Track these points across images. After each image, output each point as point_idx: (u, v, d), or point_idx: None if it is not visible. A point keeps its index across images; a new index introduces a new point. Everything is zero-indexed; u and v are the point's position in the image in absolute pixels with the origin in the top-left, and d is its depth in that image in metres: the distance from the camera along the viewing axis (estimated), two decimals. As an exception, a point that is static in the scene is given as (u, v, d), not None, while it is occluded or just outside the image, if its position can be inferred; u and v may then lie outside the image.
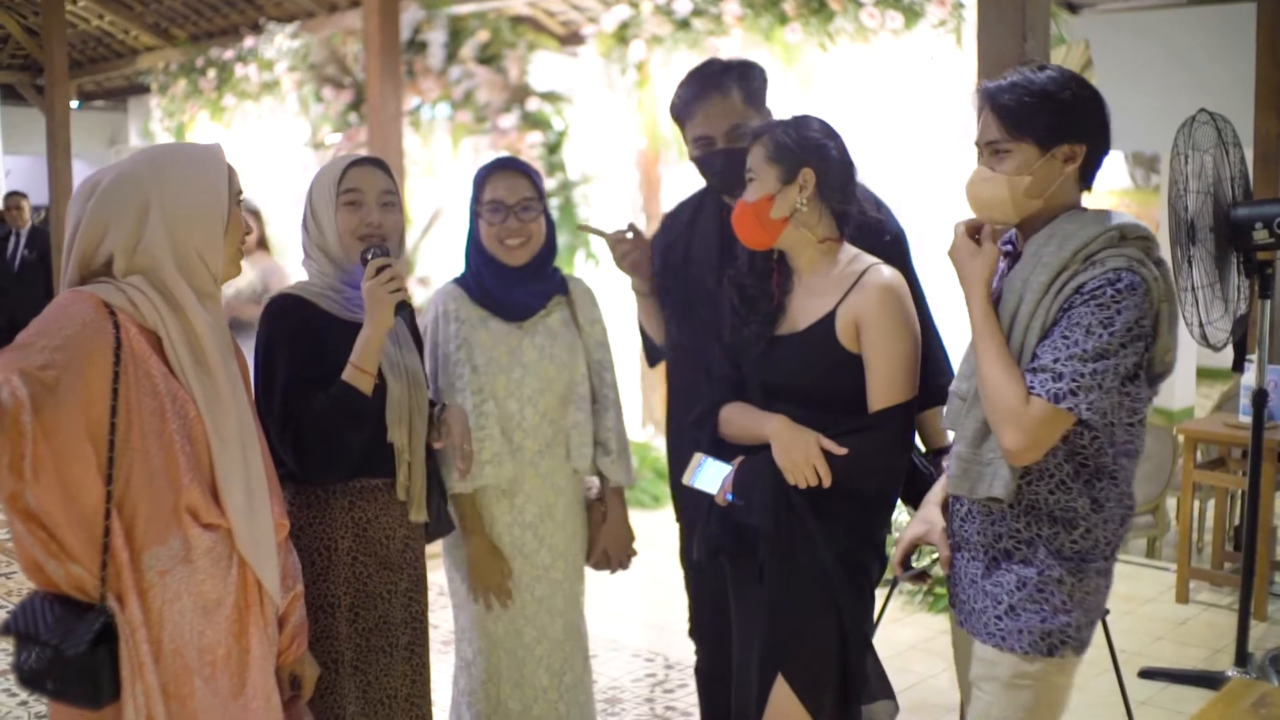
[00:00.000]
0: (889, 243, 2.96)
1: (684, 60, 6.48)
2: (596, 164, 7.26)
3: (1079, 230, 2.27)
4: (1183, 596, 5.59)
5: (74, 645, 1.98)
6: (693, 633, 3.30)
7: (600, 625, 5.19)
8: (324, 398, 2.57)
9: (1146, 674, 4.63)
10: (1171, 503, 6.30)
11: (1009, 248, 2.44)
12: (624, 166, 7.29)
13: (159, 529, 2.07)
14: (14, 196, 10.45)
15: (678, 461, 3.03)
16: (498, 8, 7.73)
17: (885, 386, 2.60)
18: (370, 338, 2.58)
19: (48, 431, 1.91)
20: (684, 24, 6.53)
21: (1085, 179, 2.38)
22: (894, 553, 2.63)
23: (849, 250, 2.73)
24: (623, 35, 6.84)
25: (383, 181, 2.76)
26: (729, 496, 2.67)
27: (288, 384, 2.59)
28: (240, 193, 2.28)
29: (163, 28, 10.36)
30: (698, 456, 2.74)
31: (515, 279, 3.04)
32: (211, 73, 9.59)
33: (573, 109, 7.46)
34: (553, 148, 7.38)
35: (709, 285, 2.98)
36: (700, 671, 3.32)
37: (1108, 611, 3.74)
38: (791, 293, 2.74)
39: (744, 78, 3.01)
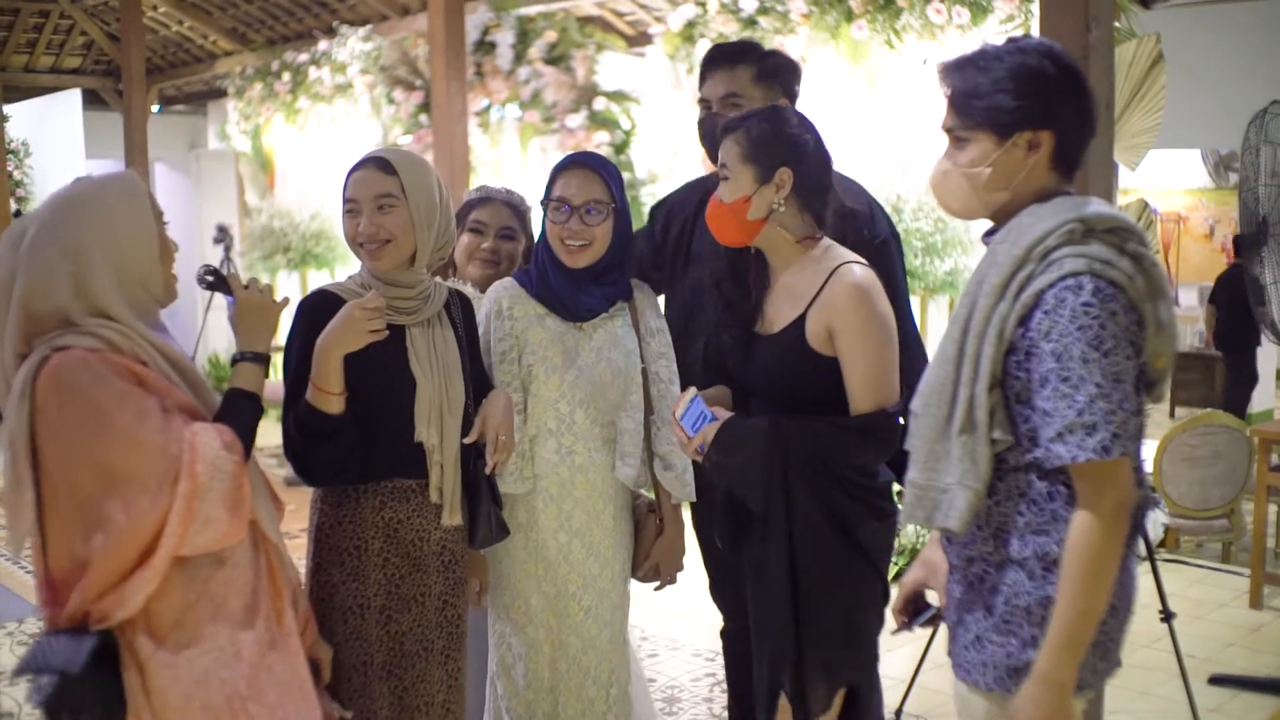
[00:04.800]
0: (878, 244, 2.98)
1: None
2: (663, 163, 7.25)
3: (1035, 223, 2.00)
4: (1256, 602, 5.47)
5: (75, 664, 2.05)
6: (714, 595, 3.31)
7: (660, 625, 5.19)
8: (290, 416, 2.55)
9: (1217, 680, 4.54)
10: (1247, 506, 6.17)
11: (992, 239, 2.20)
12: (691, 165, 7.28)
13: None
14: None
15: None
16: (566, 8, 7.76)
17: (865, 388, 2.53)
18: (327, 354, 2.49)
19: None
20: (750, 22, 6.51)
21: (1065, 166, 2.09)
22: (895, 600, 2.42)
23: (825, 246, 2.66)
24: (689, 34, 6.83)
25: (378, 184, 2.64)
26: (702, 447, 2.60)
27: (293, 382, 2.59)
28: (162, 214, 2.31)
29: (239, 32, 10.53)
30: (690, 390, 2.68)
31: (578, 279, 2.94)
32: (286, 76, 9.73)
33: (640, 108, 7.46)
34: (620, 147, 7.39)
35: (708, 278, 2.96)
36: (725, 634, 3.29)
37: (1172, 615, 3.71)
38: (769, 289, 2.69)
39: (761, 59, 3.03)
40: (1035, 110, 2.03)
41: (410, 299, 2.70)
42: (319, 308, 2.62)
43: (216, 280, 2.39)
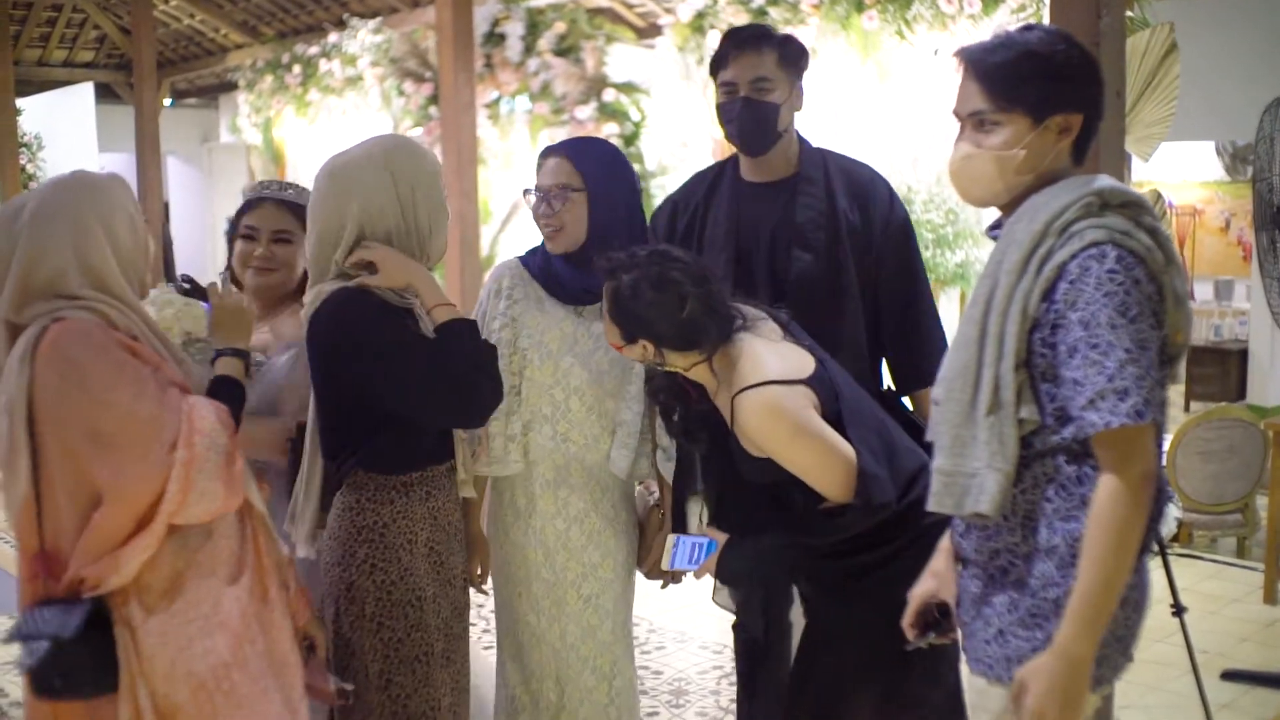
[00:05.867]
0: (899, 227, 3.08)
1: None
2: (673, 155, 7.22)
3: (1050, 201, 2.00)
4: (1271, 597, 5.43)
5: (67, 630, 2.12)
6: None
7: (668, 617, 5.17)
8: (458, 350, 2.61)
9: (1229, 676, 4.46)
10: (1262, 501, 6.12)
11: (997, 232, 2.18)
12: (700, 157, 7.24)
13: None
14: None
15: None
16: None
17: (825, 486, 2.53)
18: (416, 273, 2.60)
19: None
20: (761, 13, 6.46)
21: (1080, 152, 2.10)
22: (906, 614, 2.31)
23: (730, 355, 2.60)
24: (699, 25, 6.79)
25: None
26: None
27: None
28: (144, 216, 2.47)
29: (251, 25, 10.52)
30: (671, 538, 2.70)
31: (581, 263, 2.91)
32: (297, 68, 9.71)
33: (649, 100, 7.43)
34: (629, 139, 7.35)
35: (720, 269, 2.94)
36: (737, 626, 3.27)
37: (1184, 610, 3.66)
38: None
39: (782, 43, 3.02)
40: (1069, 94, 2.05)
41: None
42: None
43: (193, 289, 2.62)
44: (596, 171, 2.92)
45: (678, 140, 7.12)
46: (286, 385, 2.87)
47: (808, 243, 2.99)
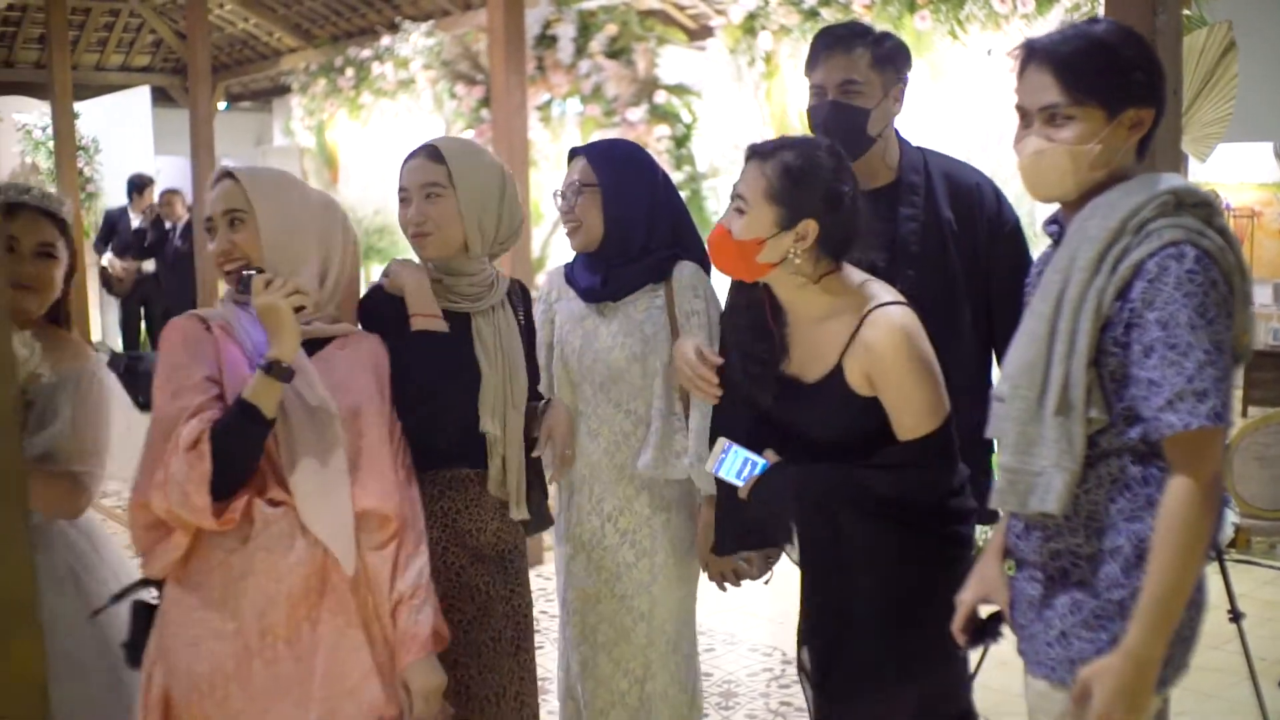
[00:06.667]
0: (1009, 233, 2.89)
1: (811, 51, 6.42)
2: (725, 157, 7.21)
3: (1124, 198, 1.97)
4: (1331, 604, 5.35)
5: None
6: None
7: (718, 619, 5.15)
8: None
9: (1288, 683, 4.43)
10: (1321, 506, 6.03)
11: (1054, 228, 2.16)
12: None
13: None
14: (168, 193, 11.16)
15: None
16: (627, 1, 7.74)
17: (912, 426, 2.39)
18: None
19: None
20: (812, 13, 6.44)
21: (1143, 149, 2.08)
22: (956, 619, 2.28)
23: (847, 279, 2.46)
24: (750, 26, 6.78)
25: (426, 173, 2.68)
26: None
27: None
28: None
29: (304, 29, 10.61)
30: (721, 441, 2.52)
31: (606, 260, 2.93)
32: (350, 72, 9.78)
33: (701, 102, 7.42)
34: (680, 141, 7.35)
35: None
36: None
37: (1241, 616, 3.61)
38: (789, 326, 2.52)
39: (875, 42, 2.82)
40: (1142, 87, 2.02)
41: (473, 286, 2.71)
42: (375, 311, 2.65)
43: (244, 286, 2.29)
44: (609, 168, 2.92)
45: (729, 142, 7.11)
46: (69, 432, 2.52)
47: (911, 256, 2.79)
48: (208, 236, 2.41)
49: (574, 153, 3.00)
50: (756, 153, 2.43)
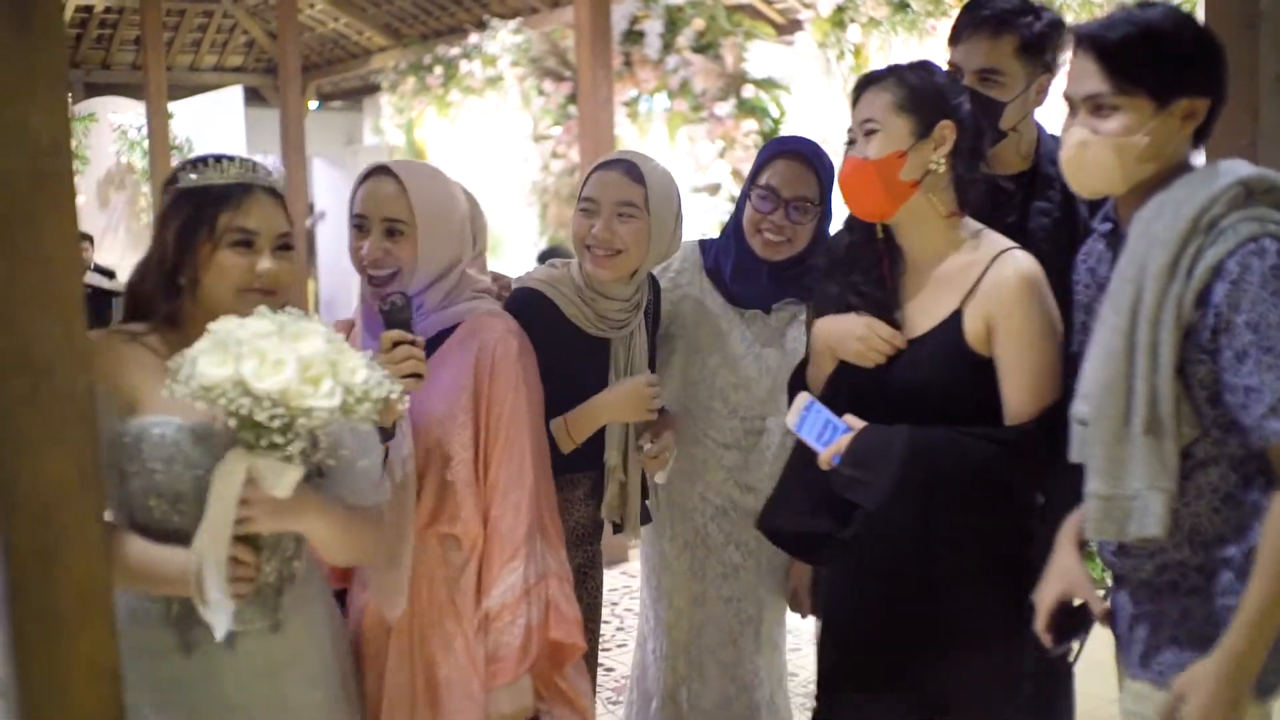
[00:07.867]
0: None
1: (901, 43, 6.33)
2: (814, 151, 7.16)
3: (1191, 193, 1.82)
4: None
5: None
6: None
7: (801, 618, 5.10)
8: None
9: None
10: None
11: (1108, 225, 2.04)
12: (841, 153, 7.15)
13: None
14: (260, 192, 11.11)
15: None
16: (714, -4, 7.70)
17: (1026, 397, 2.19)
18: (597, 416, 2.61)
19: None
20: (902, 6, 6.37)
21: (1199, 141, 1.95)
22: (1040, 619, 2.12)
23: (970, 226, 2.29)
24: (839, 19, 6.72)
25: (623, 191, 2.55)
26: (835, 459, 2.22)
27: None
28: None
29: (393, 28, 10.71)
30: (804, 396, 2.30)
31: (760, 268, 2.76)
32: (438, 70, 9.85)
33: (789, 96, 7.36)
34: (769, 135, 7.30)
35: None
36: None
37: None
38: (904, 276, 2.31)
39: (1027, 26, 2.50)
40: (1195, 76, 1.89)
41: (623, 311, 2.63)
42: (528, 311, 2.52)
43: (390, 309, 2.15)
44: (829, 183, 2.76)
45: (818, 137, 7.05)
46: None
47: (1041, 255, 2.38)
48: (354, 233, 2.31)
49: (789, 151, 2.79)
50: (870, 81, 2.27)
